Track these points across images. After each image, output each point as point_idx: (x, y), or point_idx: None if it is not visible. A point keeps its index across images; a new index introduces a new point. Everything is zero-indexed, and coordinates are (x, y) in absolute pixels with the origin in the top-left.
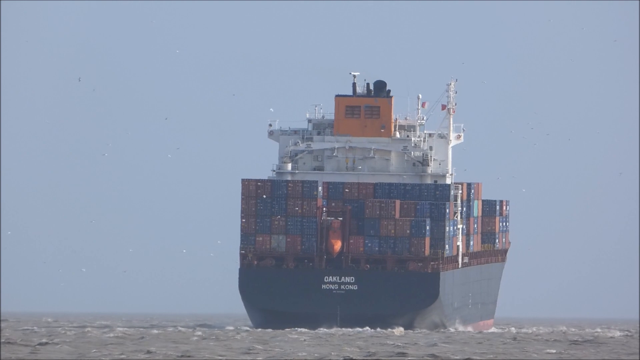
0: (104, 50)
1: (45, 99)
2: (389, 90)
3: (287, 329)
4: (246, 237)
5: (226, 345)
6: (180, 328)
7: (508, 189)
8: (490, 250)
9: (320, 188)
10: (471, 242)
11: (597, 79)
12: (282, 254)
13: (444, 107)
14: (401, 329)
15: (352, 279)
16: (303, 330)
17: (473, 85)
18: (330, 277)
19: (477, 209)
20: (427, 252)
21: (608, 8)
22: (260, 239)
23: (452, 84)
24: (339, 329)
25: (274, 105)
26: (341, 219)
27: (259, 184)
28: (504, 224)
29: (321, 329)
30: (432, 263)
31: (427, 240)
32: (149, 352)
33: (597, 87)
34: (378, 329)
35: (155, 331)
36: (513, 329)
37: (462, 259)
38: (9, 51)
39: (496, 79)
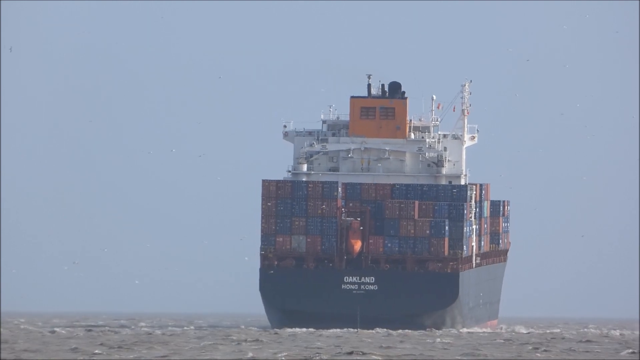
0: (108, 50)
1: (50, 99)
2: (404, 92)
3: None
4: (266, 237)
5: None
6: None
7: (508, 189)
8: (496, 250)
9: (340, 189)
10: (482, 243)
11: (598, 80)
12: (302, 254)
13: (455, 109)
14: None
15: (372, 279)
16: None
17: (488, 86)
18: (350, 277)
19: (486, 209)
20: (446, 252)
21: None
22: (281, 239)
23: (467, 85)
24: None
25: (287, 105)
26: (359, 219)
27: (279, 184)
28: (506, 224)
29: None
30: (451, 263)
31: (446, 241)
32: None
33: (599, 87)
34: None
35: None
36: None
37: (475, 259)
38: (9, 51)
39: (509, 79)
